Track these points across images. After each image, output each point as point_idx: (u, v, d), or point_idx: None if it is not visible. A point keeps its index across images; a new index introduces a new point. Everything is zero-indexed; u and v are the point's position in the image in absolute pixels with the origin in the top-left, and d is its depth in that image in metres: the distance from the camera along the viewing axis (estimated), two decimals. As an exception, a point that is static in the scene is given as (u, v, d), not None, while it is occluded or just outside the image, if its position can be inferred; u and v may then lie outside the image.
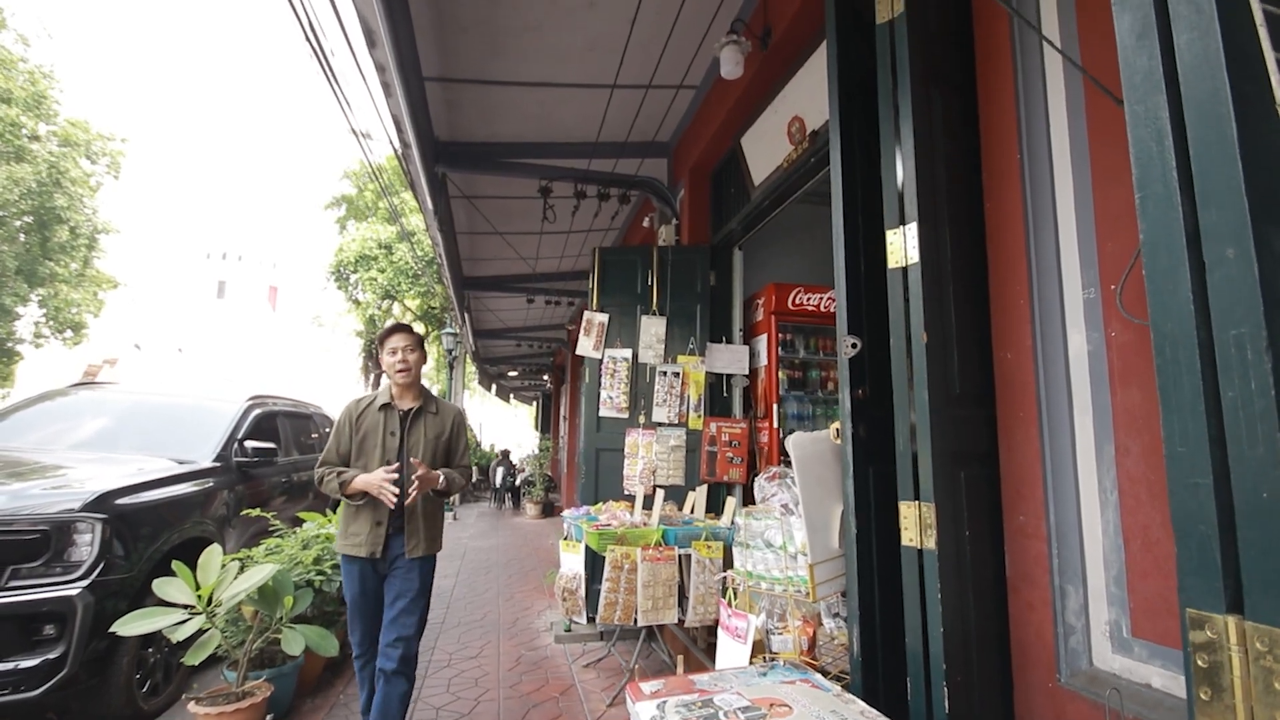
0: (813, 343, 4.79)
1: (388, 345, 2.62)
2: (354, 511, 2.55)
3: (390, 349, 2.62)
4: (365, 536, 2.51)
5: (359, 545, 2.52)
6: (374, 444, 2.57)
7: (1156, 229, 0.61)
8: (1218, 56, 0.54)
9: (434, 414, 2.73)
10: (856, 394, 1.84)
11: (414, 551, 2.56)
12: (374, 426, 2.60)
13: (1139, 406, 1.43)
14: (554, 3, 3.50)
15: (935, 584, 1.55)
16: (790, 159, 3.54)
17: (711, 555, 3.38)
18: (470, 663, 4.01)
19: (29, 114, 16.80)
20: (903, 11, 1.80)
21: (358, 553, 2.51)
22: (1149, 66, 0.60)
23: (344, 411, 2.68)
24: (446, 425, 2.74)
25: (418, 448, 2.61)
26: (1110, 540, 1.48)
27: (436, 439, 2.67)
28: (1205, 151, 0.56)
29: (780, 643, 1.90)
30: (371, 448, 2.57)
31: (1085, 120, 1.60)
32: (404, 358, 2.63)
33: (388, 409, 2.64)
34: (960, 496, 1.66)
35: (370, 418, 2.61)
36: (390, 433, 2.59)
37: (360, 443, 2.58)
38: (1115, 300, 1.45)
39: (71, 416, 4.55)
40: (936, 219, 1.74)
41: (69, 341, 20.38)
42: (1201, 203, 0.57)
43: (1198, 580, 0.58)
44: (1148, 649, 1.40)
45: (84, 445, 4.14)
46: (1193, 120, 0.57)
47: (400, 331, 2.69)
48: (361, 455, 2.57)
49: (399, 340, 2.65)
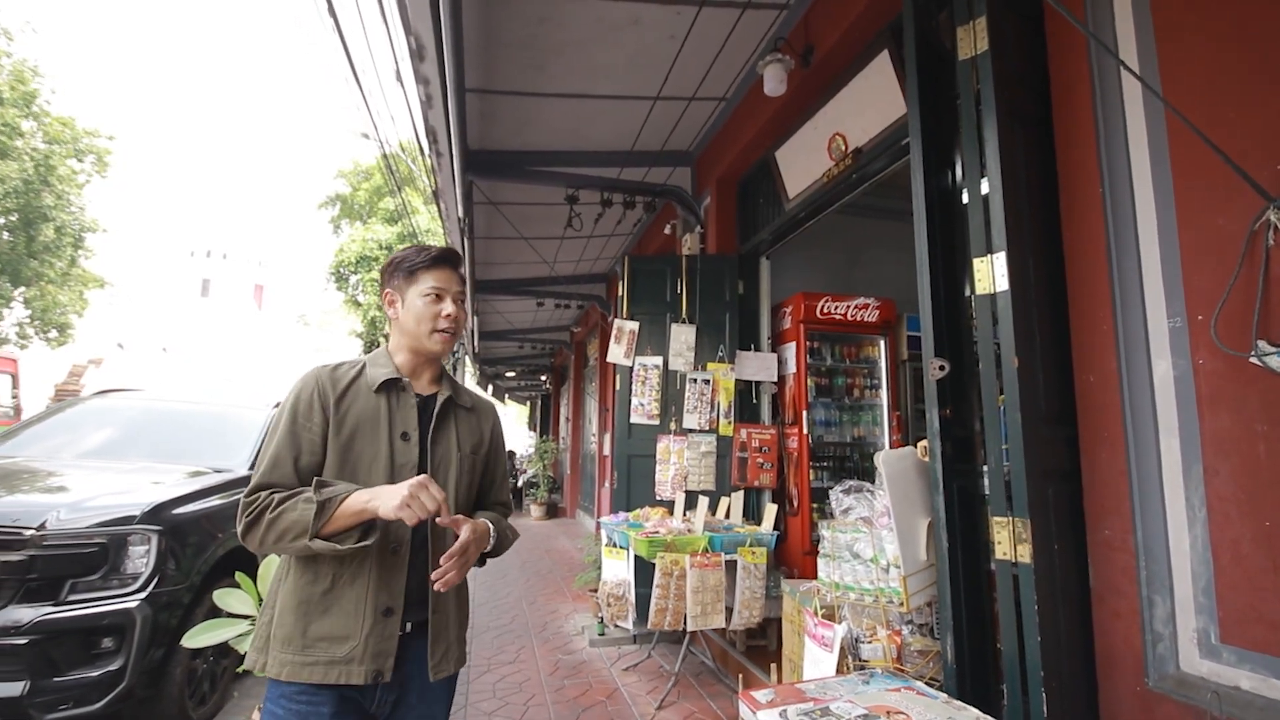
0: (839, 350, 4.91)
1: (423, 281, 1.46)
2: (325, 589, 1.30)
3: (428, 290, 1.46)
4: (359, 640, 1.29)
5: (343, 661, 1.28)
6: (373, 452, 1.37)
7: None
8: None
9: (468, 409, 1.57)
10: (944, 413, 1.94)
11: (442, 668, 1.41)
12: (371, 419, 1.39)
13: (1228, 430, 1.53)
14: (600, 19, 3.56)
15: (1031, 596, 1.65)
16: (830, 174, 3.64)
17: (755, 561, 3.47)
18: (509, 668, 4.07)
19: (15, 110, 16.49)
20: (986, 49, 1.89)
21: (339, 677, 1.27)
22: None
23: (303, 386, 1.39)
24: (485, 432, 1.60)
25: (447, 467, 1.46)
26: (1198, 554, 1.58)
27: (474, 454, 1.54)
28: None
29: (870, 650, 2.00)
30: (369, 458, 1.36)
31: (1168, 152, 1.71)
32: (453, 310, 1.48)
33: (395, 389, 1.44)
34: (1049, 511, 1.76)
35: (361, 402, 1.39)
36: (403, 434, 1.41)
37: (345, 445, 1.36)
38: (1208, 329, 1.55)
39: (100, 424, 4.54)
40: (1022, 247, 1.84)
41: (54, 342, 20.03)
42: None
43: None
44: (1236, 654, 1.51)
45: (122, 454, 4.14)
46: None
47: (447, 266, 1.51)
48: (346, 473, 1.35)
49: (445, 279, 1.49)
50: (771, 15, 3.60)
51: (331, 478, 1.33)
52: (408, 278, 1.49)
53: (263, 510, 1.26)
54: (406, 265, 1.49)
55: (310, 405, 1.37)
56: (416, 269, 1.48)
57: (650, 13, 3.51)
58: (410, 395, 1.46)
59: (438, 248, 1.53)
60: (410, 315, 1.47)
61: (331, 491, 1.27)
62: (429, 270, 1.48)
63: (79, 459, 4.03)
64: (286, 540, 1.24)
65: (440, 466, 1.45)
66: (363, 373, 1.45)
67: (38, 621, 2.73)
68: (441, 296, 1.48)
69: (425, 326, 1.46)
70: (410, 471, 1.38)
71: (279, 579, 1.37)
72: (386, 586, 1.33)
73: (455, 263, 1.54)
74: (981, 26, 1.91)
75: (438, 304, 1.47)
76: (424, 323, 1.46)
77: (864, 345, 5.02)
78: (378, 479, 1.35)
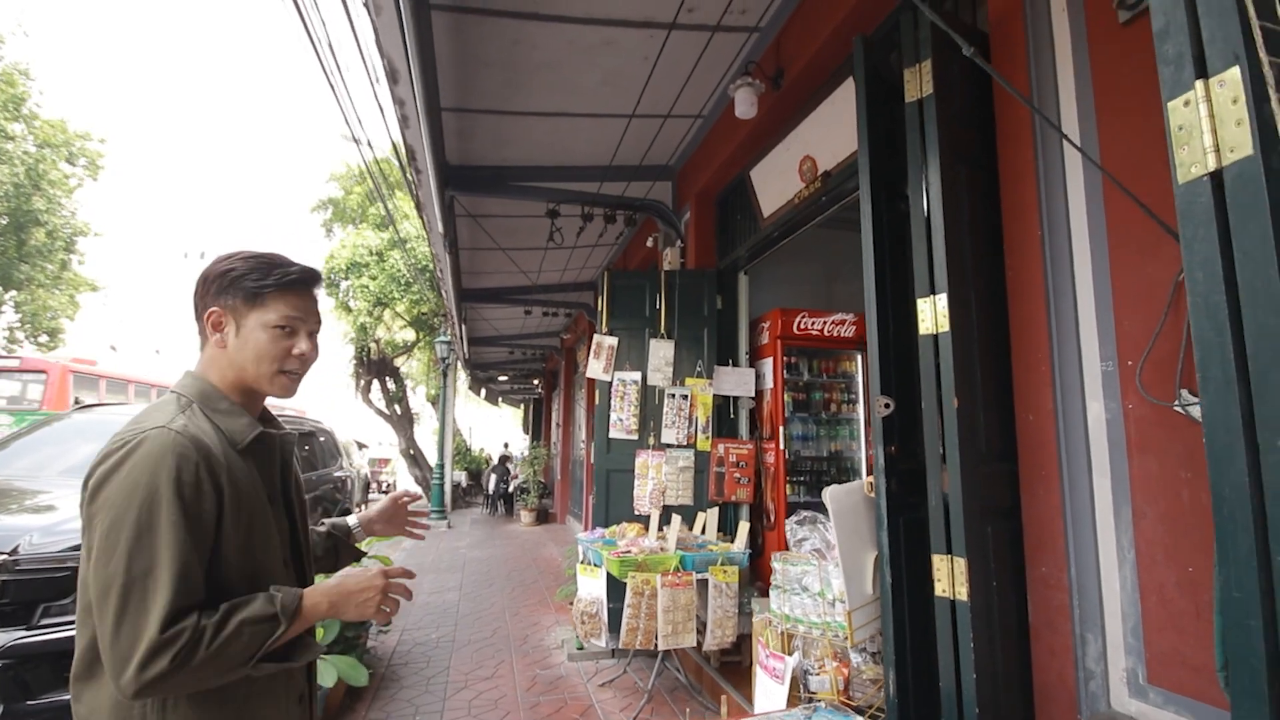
0: (816, 365, 4.95)
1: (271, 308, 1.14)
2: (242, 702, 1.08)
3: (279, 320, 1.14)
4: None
5: None
6: (263, 530, 1.12)
7: (1216, 408, 0.74)
8: (1275, 283, 0.67)
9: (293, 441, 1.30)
10: (889, 450, 1.97)
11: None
12: (250, 489, 1.11)
13: (1155, 475, 1.57)
14: (572, 42, 3.59)
15: (968, 633, 1.69)
16: (802, 195, 3.67)
17: (727, 580, 3.51)
18: (487, 683, 4.10)
19: (6, 115, 16.44)
20: (931, 93, 1.93)
21: None
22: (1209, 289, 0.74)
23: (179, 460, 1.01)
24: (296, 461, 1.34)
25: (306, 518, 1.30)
26: (1128, 594, 1.62)
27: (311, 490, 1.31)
28: (1260, 356, 0.69)
29: (818, 683, 2.04)
30: (264, 537, 1.12)
31: (1103, 203, 1.74)
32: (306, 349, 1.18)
33: (258, 444, 1.16)
34: (988, 549, 1.80)
35: (238, 469, 1.10)
36: (271, 496, 1.16)
37: (248, 529, 1.09)
38: (1134, 376, 1.59)
39: (82, 441, 4.54)
40: (964, 289, 1.88)
41: (44, 346, 19.96)
42: (1257, 397, 0.70)
43: (1248, 703, 0.71)
44: (1162, 695, 1.55)
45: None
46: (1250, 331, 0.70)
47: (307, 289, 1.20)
48: (249, 564, 1.09)
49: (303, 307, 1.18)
50: (741, 38, 3.63)
51: (229, 570, 1.05)
52: (250, 300, 1.13)
53: (194, 647, 0.94)
54: (249, 284, 1.13)
55: (197, 487, 1.01)
56: (264, 291, 1.13)
57: (623, 35, 3.54)
58: (273, 449, 1.19)
59: (297, 266, 1.18)
60: (248, 348, 1.13)
61: (289, 606, 1.03)
62: (282, 295, 1.14)
63: (59, 476, 4.04)
64: (225, 671, 0.99)
65: (301, 523, 1.23)
66: (216, 428, 1.10)
67: (10, 646, 2.75)
68: (295, 330, 1.15)
69: (268, 367, 1.14)
70: (286, 540, 1.17)
71: None
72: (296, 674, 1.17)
73: (318, 285, 1.22)
74: (927, 70, 1.94)
75: (288, 339, 1.14)
76: (266, 362, 1.13)
77: (841, 360, 5.06)
78: (272, 559, 1.12)
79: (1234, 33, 0.74)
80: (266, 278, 1.13)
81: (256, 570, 1.09)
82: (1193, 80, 0.78)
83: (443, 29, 3.37)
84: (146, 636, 0.92)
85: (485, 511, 14.61)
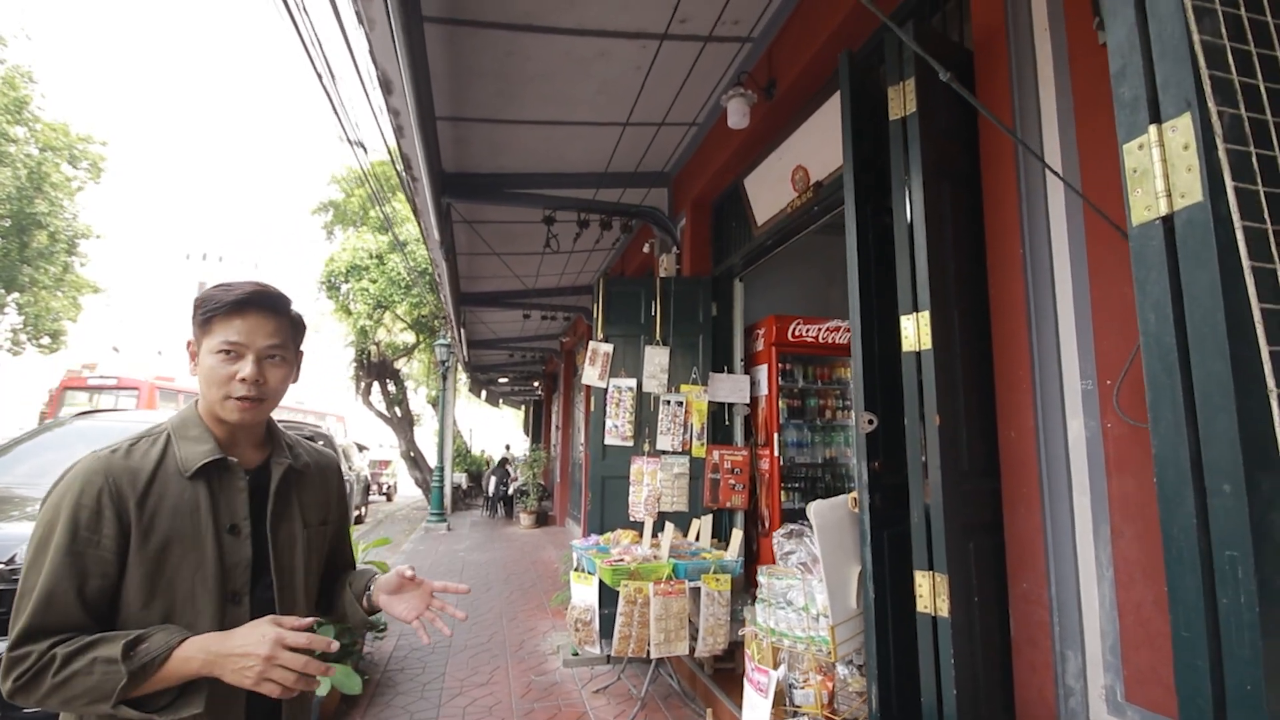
0: (811, 372, 4.96)
1: (216, 333, 1.11)
2: None
3: (221, 345, 1.11)
4: None
5: None
6: (196, 558, 1.08)
7: (1165, 449, 0.75)
8: (1221, 330, 0.68)
9: (308, 472, 1.29)
10: (873, 466, 1.99)
11: None
12: (188, 516, 1.08)
13: (1133, 494, 1.58)
14: (566, 53, 3.61)
15: (949, 649, 1.70)
16: (794, 205, 3.69)
17: (720, 588, 3.52)
18: (482, 690, 4.12)
19: (8, 118, 16.52)
20: (915, 111, 1.94)
21: None
22: (1160, 331, 0.75)
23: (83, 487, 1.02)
24: (332, 494, 1.35)
25: (292, 554, 1.21)
26: (1106, 612, 1.63)
27: (323, 525, 1.30)
28: (1208, 401, 0.71)
29: (803, 696, 2.05)
30: (192, 568, 1.07)
31: (1084, 225, 1.76)
32: (252, 372, 1.12)
33: (218, 471, 1.13)
34: (970, 565, 1.81)
35: (173, 496, 1.08)
36: (231, 528, 1.12)
37: (156, 559, 1.05)
38: (1111, 397, 1.61)
39: (83, 449, 4.57)
40: (947, 306, 1.89)
41: (47, 349, 20.05)
42: (1204, 440, 0.71)
43: (1199, 739, 0.73)
44: (1140, 714, 1.56)
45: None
46: (1199, 375, 0.71)
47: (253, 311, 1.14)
48: (160, 592, 1.05)
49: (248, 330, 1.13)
50: (734, 48, 3.65)
51: (137, 599, 1.03)
52: (202, 328, 1.12)
53: (39, 672, 0.93)
54: (200, 313, 1.12)
55: (96, 514, 1.01)
56: (212, 316, 1.12)
57: (616, 46, 3.56)
58: (238, 477, 1.14)
59: (242, 287, 1.14)
60: (203, 374, 1.12)
61: (146, 653, 0.96)
62: (226, 319, 1.11)
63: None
64: (78, 705, 0.96)
65: (284, 556, 1.18)
66: (167, 452, 1.10)
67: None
68: (238, 354, 1.11)
69: (216, 392, 1.11)
70: (244, 573, 1.12)
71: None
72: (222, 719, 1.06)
73: (269, 307, 1.15)
74: (910, 88, 1.96)
75: (232, 364, 1.11)
76: (214, 387, 1.11)
77: (836, 367, 5.07)
78: (203, 592, 1.06)
79: (1186, 79, 0.75)
80: (209, 304, 1.13)
81: (174, 601, 1.05)
82: (1147, 124, 0.79)
83: (437, 40, 3.39)
84: (5, 651, 0.94)
85: (485, 514, 14.63)
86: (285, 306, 1.20)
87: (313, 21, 3.98)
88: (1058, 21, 1.85)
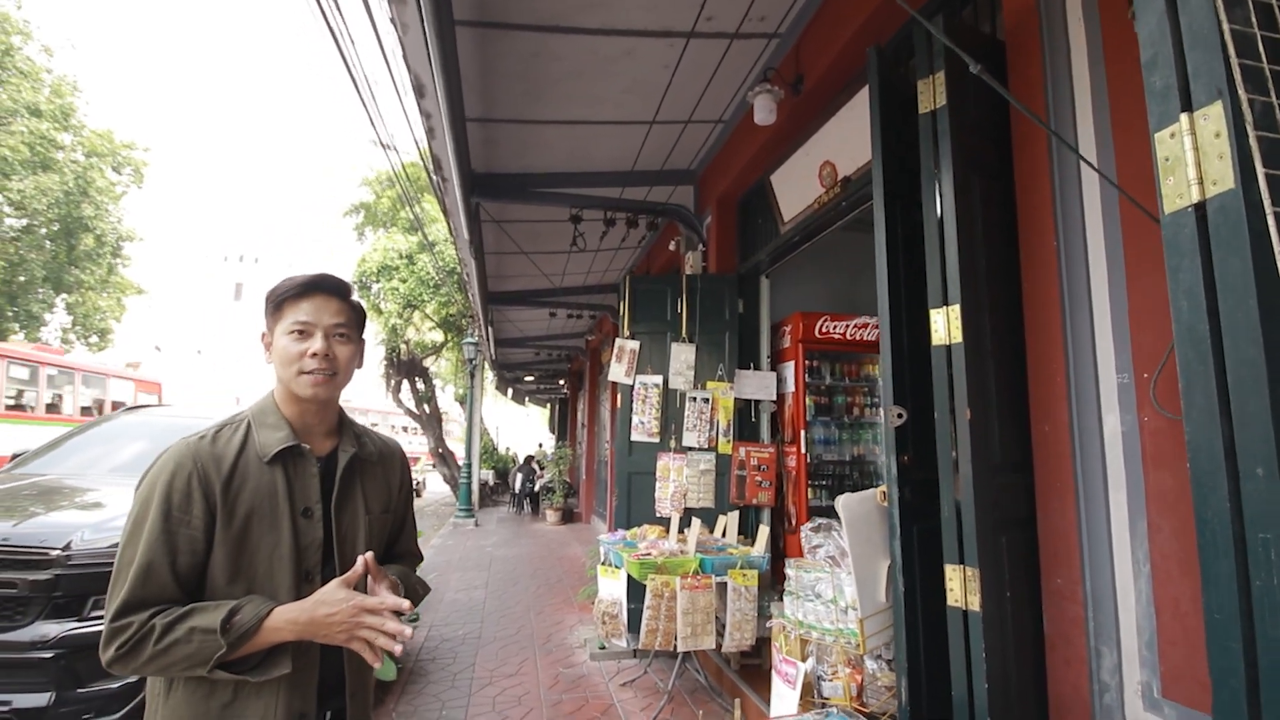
0: (838, 369, 4.93)
1: (288, 316, 1.23)
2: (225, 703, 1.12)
3: (292, 325, 1.22)
4: None
5: None
6: (274, 539, 1.17)
7: (1199, 435, 0.76)
8: (1254, 315, 0.69)
9: (373, 461, 1.37)
10: (901, 460, 1.99)
11: None
12: (268, 498, 1.18)
13: (1170, 489, 1.56)
14: (593, 53, 3.65)
15: (980, 643, 1.70)
16: (821, 201, 3.68)
17: (747, 583, 3.53)
18: (511, 680, 4.19)
19: (54, 125, 17.20)
20: (945, 104, 1.93)
21: None
22: (1193, 318, 0.75)
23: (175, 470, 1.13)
24: (394, 484, 1.42)
25: (355, 538, 1.28)
26: (1143, 608, 1.62)
27: (385, 513, 1.37)
28: (1241, 386, 0.71)
29: (831, 688, 2.06)
30: (270, 547, 1.17)
31: (1119, 216, 1.73)
32: (322, 347, 1.22)
33: (293, 457, 1.23)
34: (1002, 559, 1.81)
35: (254, 479, 1.18)
36: (305, 511, 1.21)
37: (239, 537, 1.15)
38: (1149, 390, 1.59)
39: (130, 440, 4.76)
40: (977, 300, 1.88)
41: (95, 347, 20.84)
42: (1237, 425, 0.72)
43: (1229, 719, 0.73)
44: (1176, 710, 1.54)
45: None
46: (1232, 361, 0.71)
47: (319, 294, 1.26)
48: (243, 570, 1.15)
49: (315, 311, 1.24)
50: (761, 44, 3.65)
51: (222, 575, 1.13)
52: (275, 312, 1.25)
53: (140, 641, 1.03)
54: (273, 298, 1.25)
55: (187, 495, 1.11)
56: (282, 301, 1.24)
57: (642, 45, 3.59)
58: (310, 463, 1.24)
59: (307, 275, 1.27)
60: (278, 357, 1.23)
61: (241, 625, 1.05)
62: (295, 302, 1.23)
63: (107, 475, 4.24)
64: (176, 670, 1.06)
65: (347, 539, 1.26)
66: (248, 439, 1.21)
67: (63, 636, 2.92)
68: (309, 332, 1.22)
69: (290, 370, 1.21)
70: (316, 553, 1.20)
71: (158, 695, 1.14)
72: (300, 688, 1.15)
73: (333, 290, 1.27)
74: (940, 81, 1.95)
75: (303, 341, 1.21)
76: (289, 365, 1.21)
77: (864, 363, 5.03)
78: (281, 569, 1.16)
79: (1218, 68, 0.75)
80: (279, 292, 1.25)
81: (255, 577, 1.15)
82: (1178, 113, 0.79)
83: (467, 43, 3.46)
84: (106, 622, 1.04)
85: (512, 510, 14.81)
86: (347, 291, 1.31)
87: (348, 23, 4.09)
88: (1092, 10, 1.83)
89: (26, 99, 16.43)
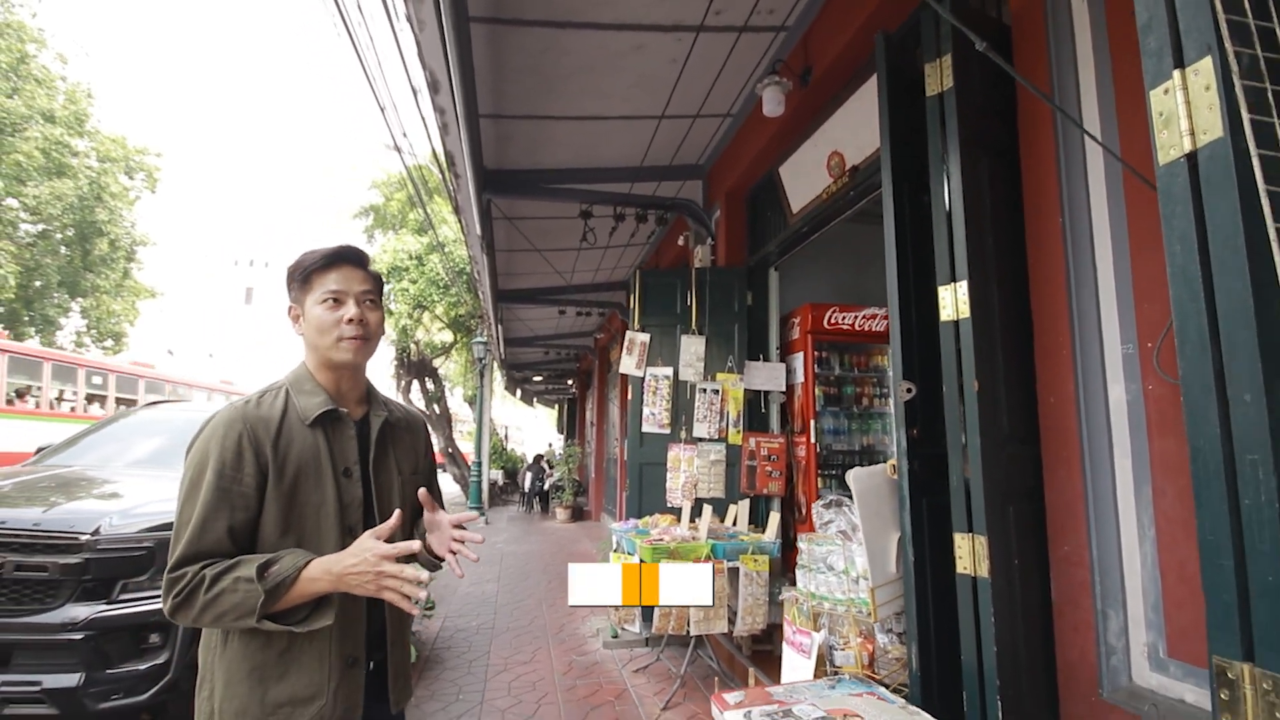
0: (848, 360, 4.97)
1: (318, 286, 1.29)
2: (282, 650, 1.19)
3: (325, 295, 1.29)
4: (327, 699, 1.21)
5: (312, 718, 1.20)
6: (320, 497, 1.25)
7: (1192, 367, 0.81)
8: (1242, 253, 0.74)
9: (401, 427, 1.45)
10: (911, 433, 2.03)
11: (401, 700, 1.42)
12: (312, 458, 1.26)
13: (1174, 454, 1.61)
14: (603, 48, 3.72)
15: (989, 609, 1.74)
16: (830, 191, 3.73)
17: (758, 569, 3.58)
18: (525, 667, 4.25)
19: (69, 131, 17.46)
20: (952, 86, 1.98)
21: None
22: (1185, 260, 0.80)
23: (226, 431, 1.21)
24: (420, 448, 1.51)
25: (390, 496, 1.36)
26: (1148, 571, 1.66)
27: (414, 474, 1.45)
28: (1229, 318, 0.76)
29: (843, 658, 2.11)
30: (316, 504, 1.24)
31: (1123, 191, 1.78)
32: (357, 313, 1.29)
33: (331, 421, 1.30)
34: (1009, 528, 1.85)
35: (299, 440, 1.25)
36: (345, 471, 1.29)
37: (289, 494, 1.22)
38: (1152, 359, 1.63)
39: (150, 434, 4.86)
40: (985, 276, 1.93)
41: (109, 350, 21.11)
42: (1226, 355, 0.77)
43: (1222, 635, 0.78)
44: (1182, 669, 1.58)
45: (169, 463, 4.43)
46: (1221, 296, 0.76)
47: (346, 264, 1.32)
48: (293, 525, 1.23)
49: (345, 279, 1.30)
50: (769, 37, 3.71)
51: (274, 530, 1.20)
52: (303, 285, 1.30)
53: (193, 590, 1.10)
54: (300, 271, 1.30)
55: (238, 455, 1.18)
56: (311, 273, 1.30)
57: (652, 39, 3.65)
58: (348, 425, 1.32)
59: (329, 247, 1.33)
60: (312, 326, 1.29)
61: (278, 574, 1.11)
62: (324, 272, 1.29)
63: (130, 467, 4.34)
64: (227, 620, 1.12)
65: (384, 498, 1.34)
66: (290, 404, 1.27)
67: (92, 619, 3.00)
68: (341, 300, 1.28)
69: (328, 337, 1.27)
70: (357, 510, 1.28)
71: (213, 648, 1.20)
72: (350, 635, 1.24)
73: (357, 260, 1.33)
74: (947, 64, 2.00)
75: (337, 309, 1.28)
76: (326, 333, 1.27)
77: (873, 354, 5.07)
78: (327, 525, 1.24)
79: (1206, 25, 0.80)
80: (305, 264, 1.31)
81: (304, 532, 1.22)
82: (1171, 70, 0.84)
83: (479, 39, 3.53)
84: (165, 574, 1.13)
85: (522, 509, 14.89)
86: (368, 260, 1.38)
87: (366, 20, 4.18)
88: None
89: (41, 105, 16.71)
